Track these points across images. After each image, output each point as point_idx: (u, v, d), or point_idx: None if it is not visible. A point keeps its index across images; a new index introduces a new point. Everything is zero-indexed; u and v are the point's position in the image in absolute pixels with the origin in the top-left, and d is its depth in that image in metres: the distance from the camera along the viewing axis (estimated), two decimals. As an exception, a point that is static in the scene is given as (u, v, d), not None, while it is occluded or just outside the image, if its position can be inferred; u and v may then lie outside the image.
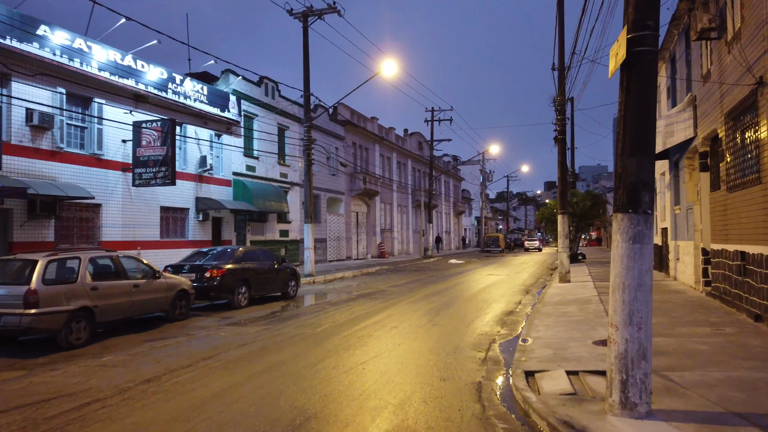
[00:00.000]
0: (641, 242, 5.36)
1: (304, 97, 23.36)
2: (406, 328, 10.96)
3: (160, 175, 18.36)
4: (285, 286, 16.17)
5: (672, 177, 19.06)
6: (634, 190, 5.40)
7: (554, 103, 20.38)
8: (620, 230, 5.48)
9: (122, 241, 18.75)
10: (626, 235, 5.42)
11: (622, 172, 5.50)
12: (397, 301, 15.42)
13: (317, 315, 12.96)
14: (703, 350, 8.01)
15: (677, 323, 10.26)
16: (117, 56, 18.29)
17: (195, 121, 22.36)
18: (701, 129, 14.39)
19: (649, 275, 5.36)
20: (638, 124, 5.44)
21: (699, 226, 15.05)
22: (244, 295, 14.13)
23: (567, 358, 7.85)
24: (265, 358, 8.44)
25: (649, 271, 5.37)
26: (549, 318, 11.63)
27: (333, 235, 35.21)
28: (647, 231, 5.38)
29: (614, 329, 5.44)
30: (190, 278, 13.41)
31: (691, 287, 15.87)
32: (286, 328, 11.13)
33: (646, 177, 5.40)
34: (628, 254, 5.39)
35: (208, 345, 9.52)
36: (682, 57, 17.12)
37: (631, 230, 5.39)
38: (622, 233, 5.46)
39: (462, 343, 9.48)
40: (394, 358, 8.38)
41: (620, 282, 5.41)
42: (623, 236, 5.44)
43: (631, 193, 5.41)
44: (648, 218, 5.38)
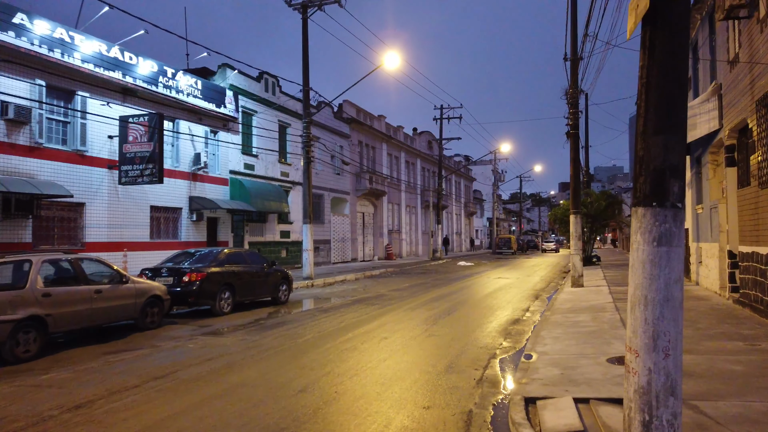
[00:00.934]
0: (669, 244, 4.17)
1: (303, 92, 22.30)
2: (397, 340, 9.82)
3: (147, 172, 17.38)
4: (275, 291, 15.09)
5: (693, 174, 17.73)
6: (660, 177, 4.21)
7: (566, 96, 19.14)
8: (641, 229, 4.30)
9: (108, 242, 17.79)
10: (649, 235, 4.23)
11: (643, 155, 4.31)
12: (395, 307, 14.29)
13: (303, 323, 11.86)
14: (737, 371, 6.78)
15: (704, 336, 9.02)
16: (102, 47, 17.34)
17: (189, 117, 21.39)
18: (727, 120, 13.10)
19: (678, 287, 4.18)
20: (665, 94, 4.25)
21: (725, 226, 13.75)
22: (227, 300, 13.06)
23: (576, 381, 6.66)
24: (227, 377, 7.33)
25: (678, 282, 4.18)
26: (558, 328, 10.43)
27: (337, 237, 34.12)
28: (677, 230, 4.19)
29: (633, 355, 4.26)
30: (168, 282, 12.37)
31: (716, 293, 14.57)
32: (265, 339, 10.03)
33: (675, 160, 4.22)
34: (651, 260, 4.20)
35: (169, 359, 8.44)
36: (705, 43, 15.81)
37: (656, 229, 4.20)
38: (643, 232, 4.28)
39: (457, 359, 8.32)
40: (376, 378, 7.24)
41: (641, 295, 4.23)
42: (645, 236, 4.26)
43: (655, 181, 4.23)
44: (678, 214, 4.20)
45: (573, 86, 18.77)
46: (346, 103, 35.92)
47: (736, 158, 13.04)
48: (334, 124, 33.53)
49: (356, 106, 37.17)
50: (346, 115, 35.35)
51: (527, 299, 16.31)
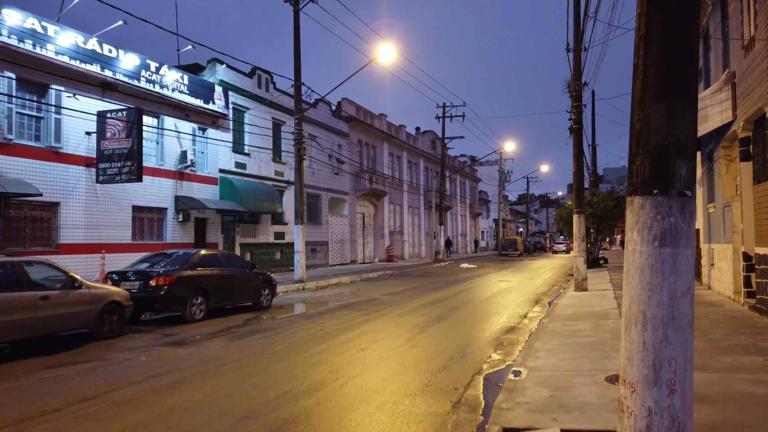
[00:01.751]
0: (675, 244, 3.18)
1: (295, 87, 21.38)
2: (375, 352, 8.84)
3: (125, 170, 16.50)
4: (256, 295, 14.14)
5: (705, 171, 16.64)
6: (663, 155, 3.22)
7: (569, 89, 18.10)
8: (639, 224, 3.31)
9: (85, 244, 16.93)
10: (648, 233, 3.24)
11: (641, 129, 3.32)
12: (383, 313, 13.31)
13: (278, 332, 10.91)
14: (759, 395, 5.76)
15: (718, 349, 7.98)
16: (78, 39, 16.49)
17: (174, 113, 20.52)
18: (742, 110, 12.03)
19: (687, 301, 3.18)
20: (670, 47, 3.27)
21: (739, 226, 12.67)
22: (199, 306, 12.12)
23: (567, 406, 5.65)
24: (167, 398, 6.39)
25: (687, 294, 3.18)
26: (555, 338, 9.41)
27: (335, 238, 33.17)
28: (685, 225, 3.20)
29: (629, 390, 3.27)
30: (134, 287, 11.45)
31: (730, 298, 13.49)
32: (228, 351, 9.09)
33: (684, 134, 3.22)
34: (651, 265, 3.21)
35: (111, 375, 7.51)
36: (718, 30, 14.74)
37: (658, 224, 3.21)
38: (641, 229, 3.28)
39: (437, 376, 7.33)
40: (338, 399, 6.27)
41: (639, 311, 3.23)
42: (644, 234, 3.27)
43: (656, 161, 3.24)
44: (686, 204, 3.21)
45: (576, 78, 17.74)
46: (345, 101, 34.99)
47: (751, 152, 11.97)
48: (332, 122, 32.60)
49: (355, 104, 36.23)
50: (344, 114, 34.41)
51: (526, 304, 15.29)
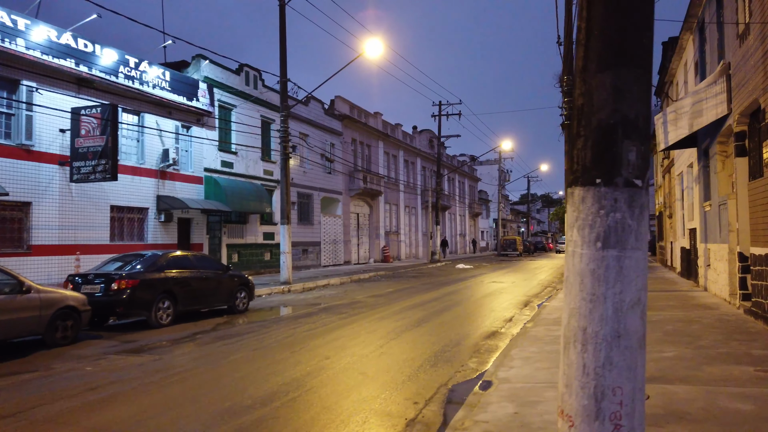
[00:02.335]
0: (621, 246, 2.58)
1: (281, 83, 20.83)
2: (341, 360, 8.26)
3: (99, 168, 15.95)
4: (231, 299, 13.57)
5: (701, 168, 16.02)
6: (608, 137, 2.63)
7: (560, 83, 17.49)
8: (578, 221, 2.71)
9: (59, 245, 16.39)
10: (590, 232, 2.65)
11: (583, 105, 2.73)
12: (362, 317, 12.74)
13: (245, 337, 10.35)
14: (745, 413, 5.16)
15: (706, 358, 7.37)
16: (51, 33, 15.95)
17: (156, 111, 19.96)
18: (737, 103, 11.42)
19: (636, 314, 2.59)
20: (617, 6, 2.67)
21: (735, 225, 12.06)
22: (166, 311, 11.54)
23: (530, 425, 5.06)
24: (95, 415, 5.83)
25: (637, 306, 2.59)
26: (534, 345, 8.81)
27: (328, 238, 32.58)
28: (634, 222, 2.60)
29: (566, 423, 2.68)
30: (95, 291, 10.89)
31: (726, 300, 12.87)
32: (186, 359, 8.53)
33: (633, 111, 2.63)
34: (593, 271, 2.62)
35: (46, 389, 6.94)
36: (713, 21, 14.13)
37: (601, 221, 2.62)
38: (581, 227, 2.69)
39: (399, 389, 6.75)
40: (281, 419, 5.70)
41: (578, 327, 2.65)
42: (584, 233, 2.68)
43: (599, 143, 2.65)
44: (635, 196, 2.61)
45: (567, 72, 17.13)
46: (338, 99, 34.41)
47: (747, 146, 11.37)
48: (324, 120, 32.03)
49: (349, 102, 35.66)
50: (338, 112, 33.84)
51: (515, 307, 14.69)
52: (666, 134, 16.15)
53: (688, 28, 17.15)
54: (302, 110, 29.44)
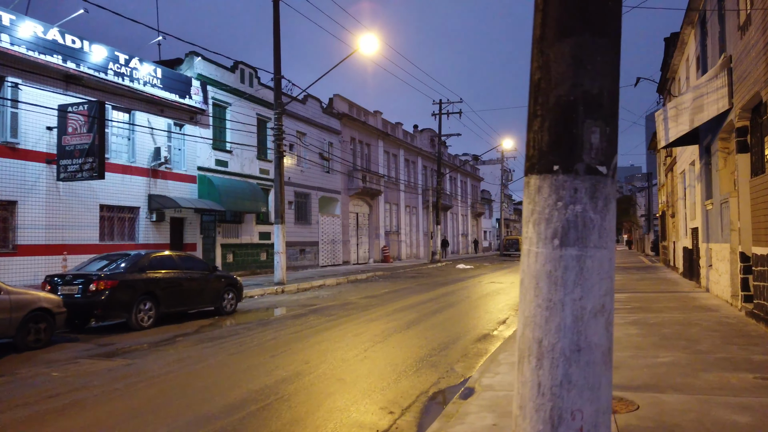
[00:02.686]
0: (582, 243, 2.21)
1: (275, 80, 20.48)
2: (321, 365, 7.90)
3: (86, 167, 15.63)
4: (218, 300, 13.22)
5: (703, 166, 15.59)
6: (567, 115, 2.26)
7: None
8: (534, 215, 2.33)
9: (46, 245, 16.08)
10: (547, 227, 2.27)
11: (540, 79, 2.35)
12: (351, 319, 12.37)
13: (227, 340, 10.00)
14: (740, 425, 4.77)
15: (703, 363, 6.96)
16: (38, 29, 15.64)
17: (147, 108, 19.64)
18: (738, 97, 11.00)
19: (600, 323, 2.21)
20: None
21: (736, 224, 11.64)
22: (147, 312, 11.19)
23: (507, 439, 4.68)
24: (46, 427, 5.48)
25: (601, 314, 2.21)
26: (524, 349, 8.40)
27: (326, 238, 32.22)
28: (597, 216, 2.22)
29: (520, 451, 2.30)
30: (72, 292, 10.55)
31: (727, 302, 12.45)
32: (159, 363, 8.18)
33: (595, 85, 2.25)
34: (549, 273, 2.24)
35: (7, 395, 6.61)
36: (714, 13, 13.70)
37: (558, 214, 2.24)
38: (537, 222, 2.31)
39: (376, 396, 6.38)
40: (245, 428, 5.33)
41: (533, 339, 2.27)
42: (540, 229, 2.30)
43: (558, 123, 2.27)
44: (599, 185, 2.23)
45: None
46: (337, 97, 34.05)
47: (748, 142, 10.94)
48: (323, 119, 31.67)
49: (348, 101, 35.29)
50: (336, 110, 33.48)
51: (510, 309, 14.29)
52: (667, 131, 15.72)
53: (689, 22, 16.72)
54: (300, 108, 29.09)
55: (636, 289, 16.61)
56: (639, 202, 65.48)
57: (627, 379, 6.37)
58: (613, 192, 2.27)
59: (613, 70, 2.27)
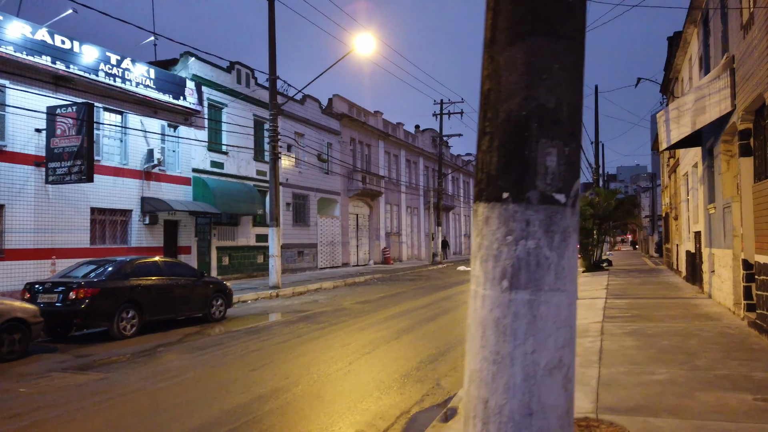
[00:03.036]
0: (535, 286, 1.86)
1: (270, 81, 20.20)
2: (302, 379, 7.57)
3: (75, 170, 15.35)
4: (206, 306, 12.91)
5: (706, 168, 15.17)
6: (519, 133, 1.91)
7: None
8: (481, 250, 1.99)
9: (35, 249, 15.81)
10: (495, 265, 1.92)
11: (490, 90, 2.00)
12: (342, 327, 12.04)
13: (208, 351, 9.70)
14: (738, 458, 4.39)
15: (700, 382, 6.58)
16: (26, 29, 15.37)
17: (140, 110, 19.35)
18: (741, 98, 10.60)
19: (557, 382, 1.86)
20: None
21: (739, 229, 11.23)
22: (130, 321, 10.88)
23: (484, 473, 4.30)
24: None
25: (557, 371, 1.86)
26: (514, 363, 8.04)
27: (325, 240, 31.90)
28: (553, 253, 1.87)
29: None
30: (52, 300, 10.25)
31: (730, 310, 12.05)
32: (133, 377, 7.86)
33: (552, 97, 1.90)
34: (497, 320, 1.89)
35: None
36: (717, 12, 13.30)
37: (507, 251, 1.89)
38: (485, 259, 1.96)
39: (352, 419, 6.03)
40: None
41: (478, 398, 1.92)
42: (487, 267, 1.95)
43: (508, 142, 1.92)
44: (556, 217, 1.88)
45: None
46: (336, 97, 33.72)
47: (752, 145, 10.53)
48: (321, 120, 31.34)
49: (348, 101, 34.95)
50: (335, 111, 33.14)
51: (507, 315, 13.90)
52: (668, 133, 15.33)
53: (692, 21, 16.31)
54: (298, 109, 28.77)
55: (637, 295, 16.22)
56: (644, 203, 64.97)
57: (619, 399, 6.01)
58: (574, 224, 1.91)
59: (575, 80, 1.92)
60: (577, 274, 16.38)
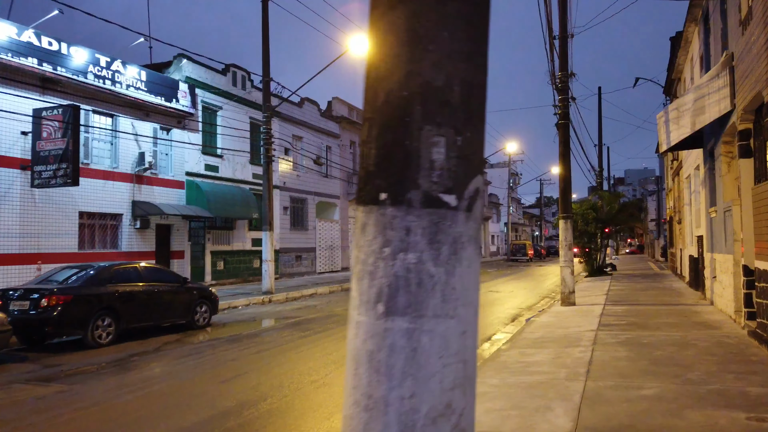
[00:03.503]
0: (416, 311, 1.46)
1: (263, 83, 19.90)
2: (271, 394, 7.18)
3: (60, 173, 15.06)
4: (189, 313, 12.54)
5: (707, 171, 14.72)
6: (398, 118, 1.52)
7: (553, 80, 16.30)
8: (358, 265, 1.60)
9: (20, 254, 15.53)
10: (370, 285, 1.52)
11: (370, 68, 1.62)
12: (329, 334, 11.66)
13: (184, 361, 9.36)
14: (722, 489, 3.97)
15: (692, 397, 6.15)
16: (11, 30, 15.13)
17: (131, 112, 19.09)
18: (740, 97, 10.17)
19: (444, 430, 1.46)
20: None
21: (739, 234, 10.78)
22: (106, 328, 10.53)
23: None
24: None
25: (444, 420, 1.45)
26: (498, 375, 7.65)
27: (324, 244, 31.54)
28: (440, 271, 1.47)
29: None
30: (23, 307, 9.92)
31: (731, 318, 11.58)
32: (94, 390, 7.51)
33: (442, 74, 1.50)
34: (371, 354, 1.49)
35: None
36: (717, 8, 12.87)
37: (384, 266, 1.50)
38: (360, 276, 1.57)
39: (313, 435, 5.64)
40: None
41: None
42: (362, 287, 1.55)
43: (386, 131, 1.53)
44: (443, 224, 1.48)
45: (563, 68, 15.92)
46: (335, 100, 33.42)
47: (752, 146, 10.09)
48: (320, 122, 31.03)
49: (348, 104, 34.65)
50: (335, 114, 32.82)
51: (500, 322, 13.53)
52: (668, 134, 14.88)
53: (692, 19, 15.87)
54: (296, 112, 28.47)
55: (637, 301, 15.75)
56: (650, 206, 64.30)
57: (602, 417, 5.60)
58: (472, 232, 1.53)
59: (472, 52, 1.54)
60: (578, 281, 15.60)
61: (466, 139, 1.51)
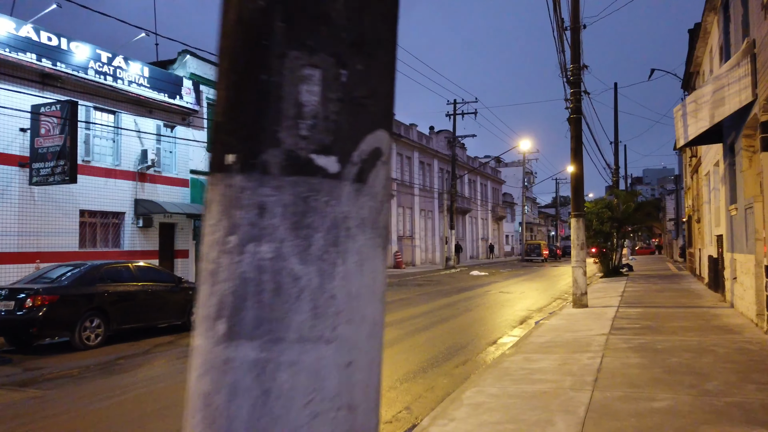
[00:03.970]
0: (271, 334, 0.95)
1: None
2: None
3: (58, 170, 14.77)
4: (184, 314, 12.13)
5: (727, 166, 14.01)
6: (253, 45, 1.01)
7: (564, 73, 15.68)
8: (202, 262, 1.10)
9: (18, 253, 15.26)
10: (210, 293, 1.02)
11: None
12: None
13: (170, 365, 8.92)
14: None
15: (708, 411, 5.56)
16: (10, 25, 14.86)
17: (134, 109, 18.78)
18: (762, 86, 9.52)
19: None
20: None
21: (761, 232, 10.12)
22: (95, 330, 10.14)
23: None
24: None
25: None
26: (498, 383, 7.11)
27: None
28: (312, 270, 0.96)
29: None
30: (8, 308, 9.57)
31: (752, 322, 10.91)
32: (68, 397, 7.11)
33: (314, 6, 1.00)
34: (204, 398, 1.00)
35: None
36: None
37: (229, 263, 1.00)
38: (202, 279, 1.08)
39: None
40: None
41: None
42: (201, 296, 1.05)
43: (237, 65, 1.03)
44: (317, 198, 0.96)
45: (575, 60, 15.30)
46: (345, 98, 32.96)
47: (775, 138, 9.44)
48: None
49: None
50: (345, 111, 32.37)
51: (509, 325, 12.97)
52: (686, 128, 14.21)
53: (711, 8, 15.15)
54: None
55: (653, 303, 15.09)
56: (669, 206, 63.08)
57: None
58: (367, 213, 1.03)
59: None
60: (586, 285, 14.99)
61: (356, 74, 1.01)
